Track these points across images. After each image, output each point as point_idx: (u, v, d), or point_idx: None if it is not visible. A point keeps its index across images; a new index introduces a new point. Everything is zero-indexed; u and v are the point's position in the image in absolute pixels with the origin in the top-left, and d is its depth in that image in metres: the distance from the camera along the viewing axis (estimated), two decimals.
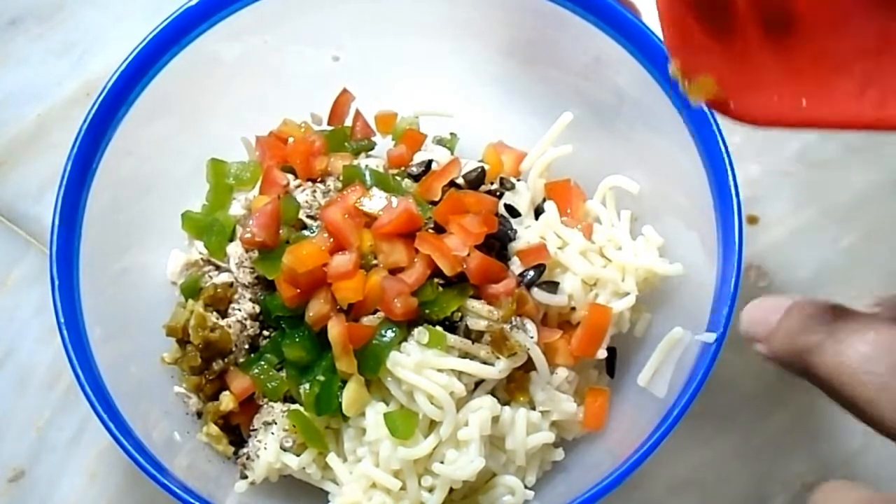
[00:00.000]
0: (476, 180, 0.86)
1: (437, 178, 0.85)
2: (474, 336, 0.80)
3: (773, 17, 0.56)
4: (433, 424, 0.80)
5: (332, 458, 0.82)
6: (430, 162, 0.88)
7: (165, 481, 0.75)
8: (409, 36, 0.91)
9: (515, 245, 0.84)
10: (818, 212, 1.00)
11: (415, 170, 0.88)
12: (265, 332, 0.85)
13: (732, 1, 0.56)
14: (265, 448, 0.82)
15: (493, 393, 0.81)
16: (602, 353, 0.83)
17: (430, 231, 0.82)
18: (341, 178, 0.87)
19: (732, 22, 0.57)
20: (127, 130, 0.83)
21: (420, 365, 0.78)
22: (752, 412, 0.95)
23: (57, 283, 0.78)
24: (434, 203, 0.83)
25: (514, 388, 0.81)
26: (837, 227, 1.00)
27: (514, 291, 0.80)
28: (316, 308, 0.79)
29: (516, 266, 0.83)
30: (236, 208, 0.89)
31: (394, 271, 0.80)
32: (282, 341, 0.82)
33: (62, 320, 0.77)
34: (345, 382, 0.80)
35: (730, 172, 0.78)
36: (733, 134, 0.75)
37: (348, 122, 0.94)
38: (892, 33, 0.53)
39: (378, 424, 0.79)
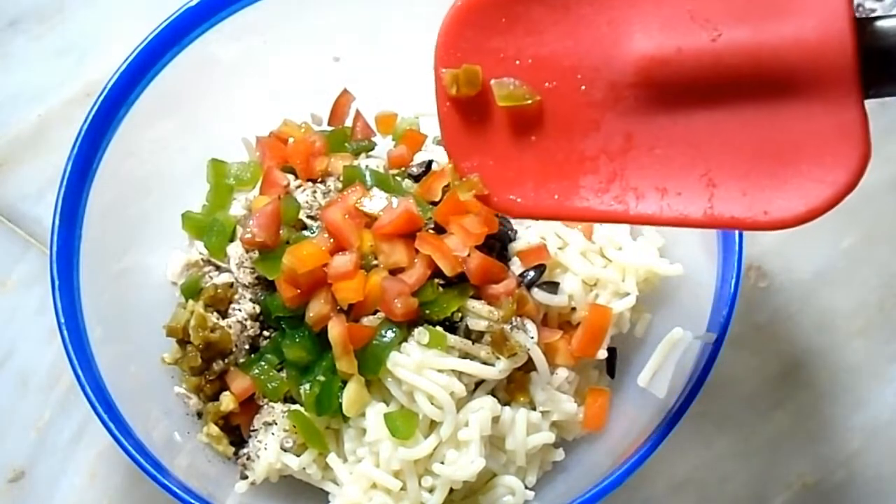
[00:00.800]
0: None
1: (437, 179, 0.85)
2: (474, 336, 0.80)
3: (535, 123, 0.64)
4: (433, 425, 0.80)
5: (332, 459, 0.82)
6: (430, 162, 0.88)
7: (166, 482, 0.75)
8: (410, 36, 0.91)
9: (516, 245, 0.84)
10: None
11: (415, 170, 0.88)
12: (265, 333, 0.85)
13: (500, 110, 0.64)
14: (265, 448, 0.82)
15: (493, 393, 0.81)
16: (602, 354, 0.83)
17: (431, 231, 0.82)
18: (342, 178, 0.87)
19: (501, 127, 0.65)
20: (127, 131, 0.83)
21: (420, 365, 0.78)
22: (752, 412, 0.95)
23: (57, 283, 0.78)
24: (434, 203, 0.83)
25: (514, 388, 0.81)
26: (838, 228, 1.00)
27: (515, 292, 0.80)
28: (316, 308, 0.79)
29: (516, 266, 0.83)
30: (237, 208, 0.89)
31: (394, 272, 0.80)
32: (282, 342, 0.82)
33: (62, 321, 0.77)
34: (345, 383, 0.80)
35: None
36: None
37: (349, 122, 0.94)
38: (635, 136, 0.61)
39: (378, 425, 0.79)
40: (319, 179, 0.89)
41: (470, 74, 0.64)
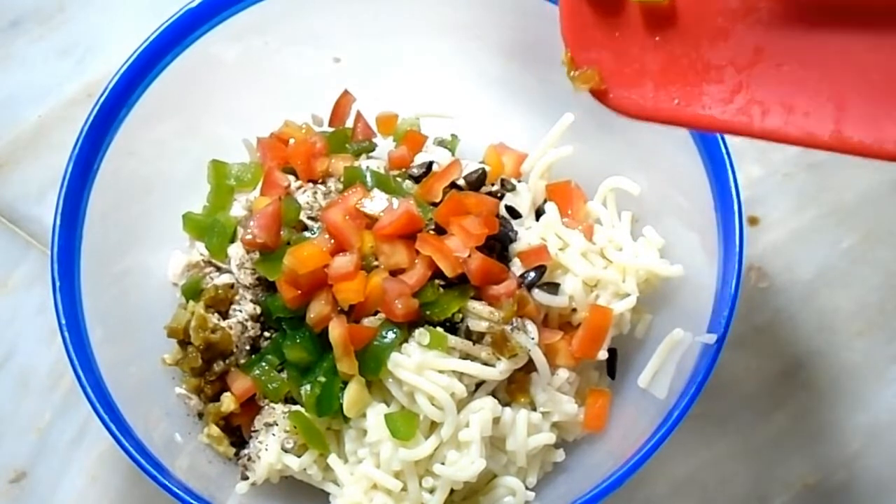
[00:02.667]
0: (477, 181, 0.86)
1: (437, 180, 0.85)
2: (475, 337, 0.80)
3: (663, 25, 0.62)
4: (434, 425, 0.80)
5: (333, 460, 0.82)
6: (430, 163, 0.88)
7: (166, 482, 0.75)
8: (410, 37, 0.91)
9: (516, 246, 0.84)
10: (819, 213, 1.01)
11: (416, 171, 0.88)
12: (266, 334, 0.85)
13: (628, 4, 0.62)
14: (266, 449, 0.82)
15: (493, 394, 0.81)
16: (603, 355, 0.83)
17: (431, 232, 0.82)
18: (342, 179, 0.87)
19: (628, 24, 0.63)
20: (128, 131, 0.83)
21: (421, 366, 0.78)
22: (753, 413, 0.95)
23: (58, 284, 0.78)
24: (435, 204, 0.83)
25: (514, 389, 0.81)
26: (838, 228, 1.00)
27: (515, 293, 0.80)
28: (317, 309, 0.79)
29: (517, 267, 0.83)
30: (237, 209, 0.89)
31: (395, 272, 0.80)
32: (283, 342, 0.82)
33: (63, 321, 0.77)
34: (346, 384, 0.80)
35: (730, 173, 0.78)
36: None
37: (349, 123, 0.94)
38: (765, 50, 0.59)
39: (379, 425, 0.79)
40: (320, 180, 0.89)
41: None
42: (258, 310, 0.85)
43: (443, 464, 0.79)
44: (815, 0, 0.56)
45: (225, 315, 0.85)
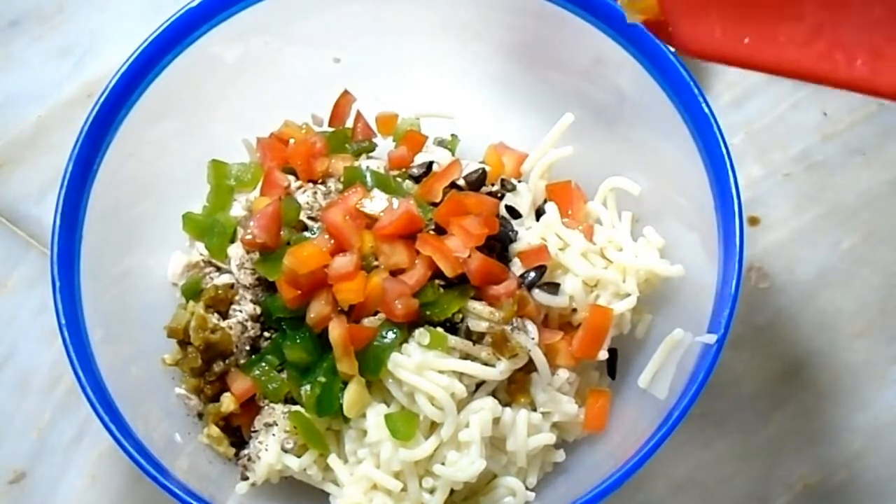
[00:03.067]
0: (477, 182, 0.86)
1: (437, 180, 0.85)
2: (475, 337, 0.80)
3: None
4: (434, 426, 0.80)
5: (332, 460, 0.82)
6: (430, 163, 0.88)
7: (166, 483, 0.75)
8: (410, 37, 0.91)
9: (516, 246, 0.84)
10: (819, 213, 1.01)
11: (416, 171, 0.88)
12: (266, 334, 0.85)
13: None
14: (266, 449, 0.82)
15: (494, 394, 0.81)
16: (603, 355, 0.83)
17: (431, 232, 0.82)
18: (342, 179, 0.87)
19: None
20: (128, 132, 0.83)
21: (421, 366, 0.78)
22: (753, 413, 0.95)
23: (58, 284, 0.78)
24: (435, 204, 0.83)
25: (515, 389, 0.81)
26: (839, 229, 1.00)
27: (515, 293, 0.80)
28: (317, 309, 0.79)
29: (517, 267, 0.83)
30: (237, 210, 0.89)
31: (395, 273, 0.80)
32: (283, 343, 0.82)
33: (63, 322, 0.77)
34: (346, 384, 0.80)
35: (731, 173, 0.78)
36: (734, 135, 0.75)
37: (349, 123, 0.94)
38: None
39: (379, 426, 0.79)
40: (320, 180, 0.89)
41: None
42: (258, 310, 0.85)
43: (443, 464, 0.79)
44: None
45: (225, 315, 0.85)
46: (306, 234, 0.84)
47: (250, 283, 0.85)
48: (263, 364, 0.84)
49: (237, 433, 0.86)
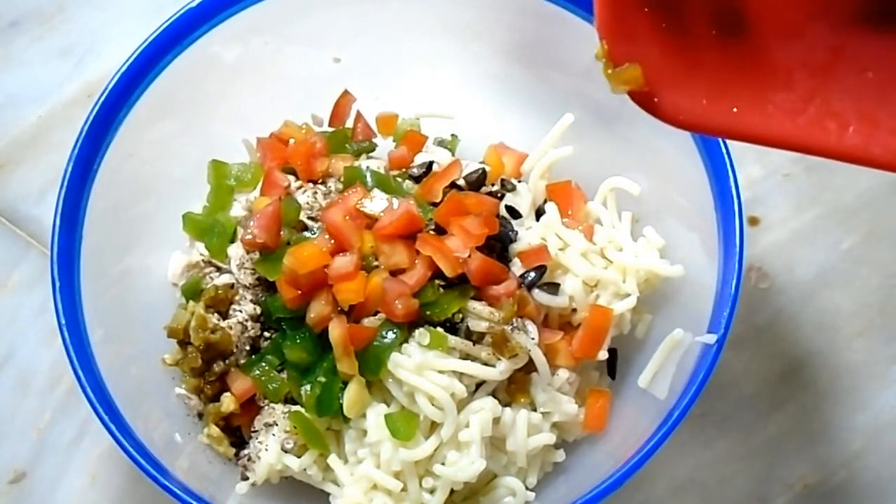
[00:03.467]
0: (477, 182, 0.86)
1: (438, 180, 0.85)
2: (475, 337, 0.80)
3: (725, 16, 0.52)
4: (434, 426, 0.80)
5: (333, 460, 0.82)
6: (431, 163, 0.88)
7: (166, 483, 0.75)
8: (411, 37, 0.91)
9: (516, 246, 0.84)
10: (819, 213, 1.01)
11: (416, 171, 0.88)
12: (266, 334, 0.85)
13: None
14: (266, 449, 0.82)
15: (494, 394, 0.81)
16: (603, 355, 0.83)
17: (431, 232, 0.82)
18: (342, 179, 0.87)
19: (681, 13, 0.52)
20: (128, 132, 0.83)
21: (421, 366, 0.78)
22: (753, 413, 0.95)
23: (58, 284, 0.78)
24: (435, 204, 0.83)
25: (515, 389, 0.81)
26: (838, 229, 1.00)
27: (515, 293, 0.80)
28: (317, 309, 0.79)
29: (517, 267, 0.83)
30: (237, 210, 0.89)
31: (395, 273, 0.80)
32: (283, 343, 0.82)
33: (63, 322, 0.77)
34: (346, 384, 0.80)
35: (731, 174, 0.78)
36: None
37: (349, 123, 0.94)
38: (845, 51, 0.51)
39: (379, 426, 0.79)
40: (320, 180, 0.89)
41: None
42: (258, 310, 0.85)
43: (443, 464, 0.79)
44: None
45: (225, 315, 0.85)
46: (306, 234, 0.84)
47: (250, 283, 0.85)
48: (263, 364, 0.84)
49: (237, 433, 0.86)
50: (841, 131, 0.51)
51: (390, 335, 0.79)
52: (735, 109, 0.53)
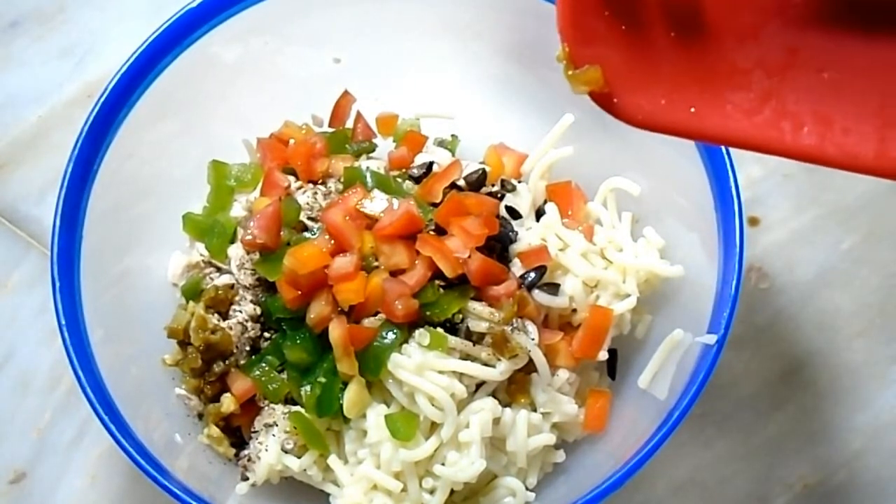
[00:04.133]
0: (477, 182, 0.86)
1: (438, 180, 0.85)
2: (475, 338, 0.80)
3: (682, 18, 0.53)
4: (434, 426, 0.80)
5: (333, 460, 0.82)
6: (431, 164, 0.88)
7: (166, 483, 0.75)
8: (411, 38, 0.91)
9: (516, 247, 0.84)
10: (819, 213, 1.01)
11: (416, 171, 0.88)
12: (266, 334, 0.85)
13: None
14: (266, 450, 0.82)
15: (494, 395, 0.81)
16: (603, 355, 0.83)
17: (431, 233, 0.82)
18: (342, 179, 0.87)
19: (639, 15, 0.53)
20: (128, 132, 0.83)
21: (421, 367, 0.78)
22: (753, 414, 0.95)
23: (58, 284, 0.78)
24: (435, 205, 0.83)
25: (515, 389, 0.81)
26: (838, 229, 1.00)
27: (515, 293, 0.80)
28: (317, 310, 0.79)
29: (517, 268, 0.83)
30: (237, 210, 0.89)
31: (395, 273, 0.80)
32: (283, 343, 0.82)
33: (63, 322, 0.77)
34: (346, 384, 0.80)
35: (731, 174, 0.78)
36: None
37: (349, 123, 0.94)
38: (801, 52, 0.51)
39: (379, 426, 0.79)
40: (320, 181, 0.89)
41: None
42: (258, 310, 0.85)
43: (443, 464, 0.79)
44: None
45: (225, 316, 0.85)
46: (306, 234, 0.84)
47: (250, 283, 0.85)
48: (263, 364, 0.84)
49: (237, 433, 0.86)
50: (796, 131, 0.52)
51: (390, 335, 0.79)
52: (693, 109, 0.54)
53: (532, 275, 0.82)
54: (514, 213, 0.86)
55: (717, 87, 0.53)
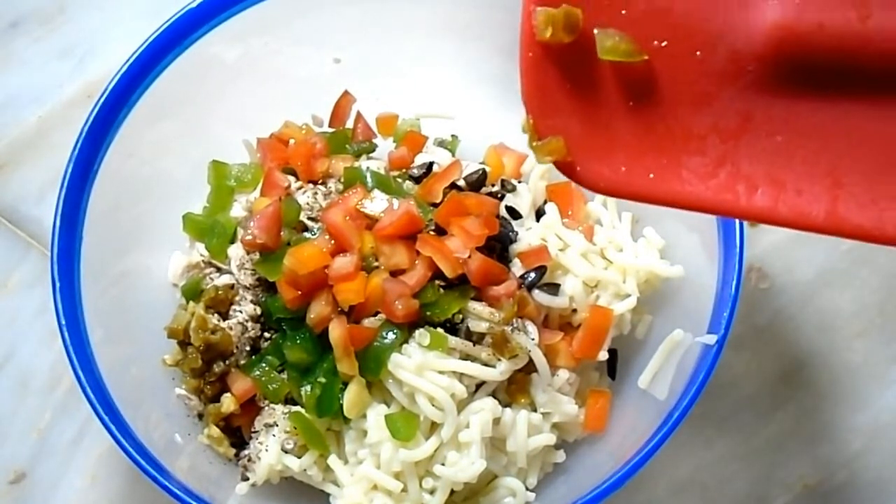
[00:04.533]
0: (477, 182, 0.86)
1: (438, 180, 0.85)
2: (475, 338, 0.80)
3: (639, 88, 0.55)
4: (434, 426, 0.80)
5: (333, 460, 0.82)
6: (431, 164, 0.88)
7: (166, 483, 0.75)
8: (411, 38, 0.91)
9: (516, 247, 0.84)
10: None
11: (416, 172, 0.88)
12: (266, 334, 0.85)
13: (598, 66, 0.55)
14: (266, 450, 0.82)
15: (494, 395, 0.81)
16: (603, 355, 0.83)
17: (431, 233, 0.82)
18: (342, 179, 0.87)
19: (598, 88, 0.56)
20: (128, 132, 0.83)
21: (421, 367, 0.78)
22: (753, 414, 0.95)
23: (58, 285, 0.78)
24: (435, 205, 0.83)
25: (515, 389, 0.81)
26: None
27: (516, 293, 0.80)
28: (317, 310, 0.79)
29: (517, 268, 0.83)
30: (237, 210, 0.89)
31: (395, 273, 0.80)
32: (283, 343, 0.82)
33: (63, 322, 0.77)
34: (346, 384, 0.80)
35: None
36: None
37: (349, 123, 0.94)
38: (754, 118, 0.53)
39: (379, 426, 0.79)
40: (320, 181, 0.89)
41: (570, 17, 0.53)
42: (258, 310, 0.85)
43: (443, 465, 0.79)
44: (813, 63, 0.51)
45: (225, 316, 0.85)
46: (306, 234, 0.84)
47: (250, 283, 0.85)
48: (264, 365, 0.84)
49: (237, 434, 0.86)
50: (750, 193, 0.54)
51: (390, 336, 0.79)
52: (651, 175, 0.55)
53: (532, 275, 0.82)
54: (515, 214, 0.86)
55: (674, 153, 0.55)
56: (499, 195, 0.87)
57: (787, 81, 0.52)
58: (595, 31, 0.54)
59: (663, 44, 0.54)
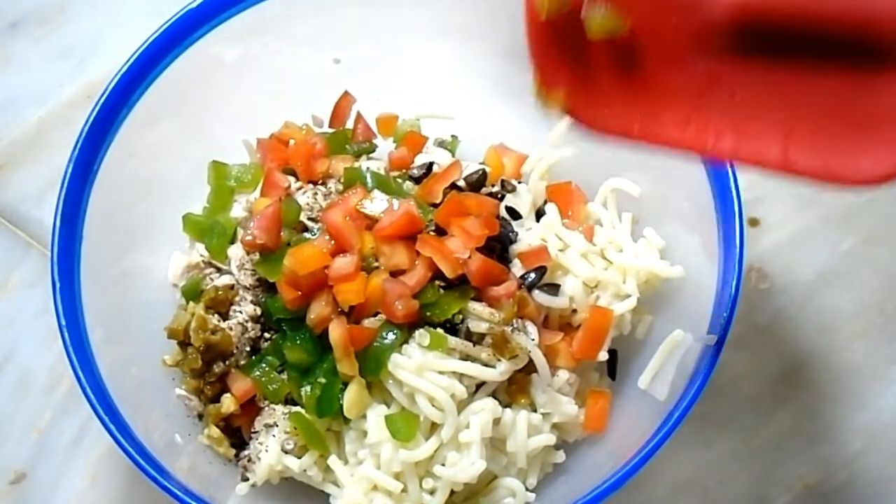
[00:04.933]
0: (477, 182, 0.86)
1: (438, 181, 0.85)
2: (475, 338, 0.80)
3: (621, 52, 0.64)
4: (434, 427, 0.80)
5: (333, 461, 0.82)
6: (431, 164, 0.88)
7: (166, 483, 0.75)
8: (411, 38, 0.91)
9: (516, 247, 0.84)
10: (819, 214, 1.01)
11: (416, 172, 0.88)
12: (266, 335, 0.85)
13: (580, 32, 0.65)
14: (266, 450, 0.82)
15: (494, 395, 0.81)
16: (603, 356, 0.83)
17: (432, 233, 0.82)
18: (342, 180, 0.87)
19: (586, 49, 0.65)
20: (128, 133, 0.83)
21: (421, 367, 0.78)
22: (753, 414, 0.95)
23: (58, 285, 0.78)
24: (435, 205, 0.83)
25: (515, 390, 0.81)
26: (838, 230, 1.00)
27: (515, 294, 0.80)
28: (317, 310, 0.79)
29: (517, 268, 0.83)
30: (237, 210, 0.89)
31: (395, 273, 0.80)
32: (283, 343, 0.82)
33: (63, 322, 0.77)
34: (346, 385, 0.80)
35: (731, 175, 0.78)
36: None
37: (349, 124, 0.94)
38: (717, 78, 0.62)
39: (379, 427, 0.79)
40: (320, 181, 0.89)
41: None
42: (258, 311, 0.85)
43: (443, 465, 0.79)
44: (766, 32, 0.58)
45: (225, 316, 0.85)
46: (306, 235, 0.84)
47: (250, 283, 0.85)
48: (264, 365, 0.84)
49: (237, 434, 0.86)
50: (717, 139, 0.63)
51: (390, 336, 0.79)
52: (637, 123, 0.66)
53: (532, 275, 0.82)
54: (514, 214, 0.86)
55: (654, 106, 0.65)
56: (499, 195, 0.87)
57: (745, 48, 0.60)
58: (583, 14, 0.64)
59: (645, 15, 0.63)
